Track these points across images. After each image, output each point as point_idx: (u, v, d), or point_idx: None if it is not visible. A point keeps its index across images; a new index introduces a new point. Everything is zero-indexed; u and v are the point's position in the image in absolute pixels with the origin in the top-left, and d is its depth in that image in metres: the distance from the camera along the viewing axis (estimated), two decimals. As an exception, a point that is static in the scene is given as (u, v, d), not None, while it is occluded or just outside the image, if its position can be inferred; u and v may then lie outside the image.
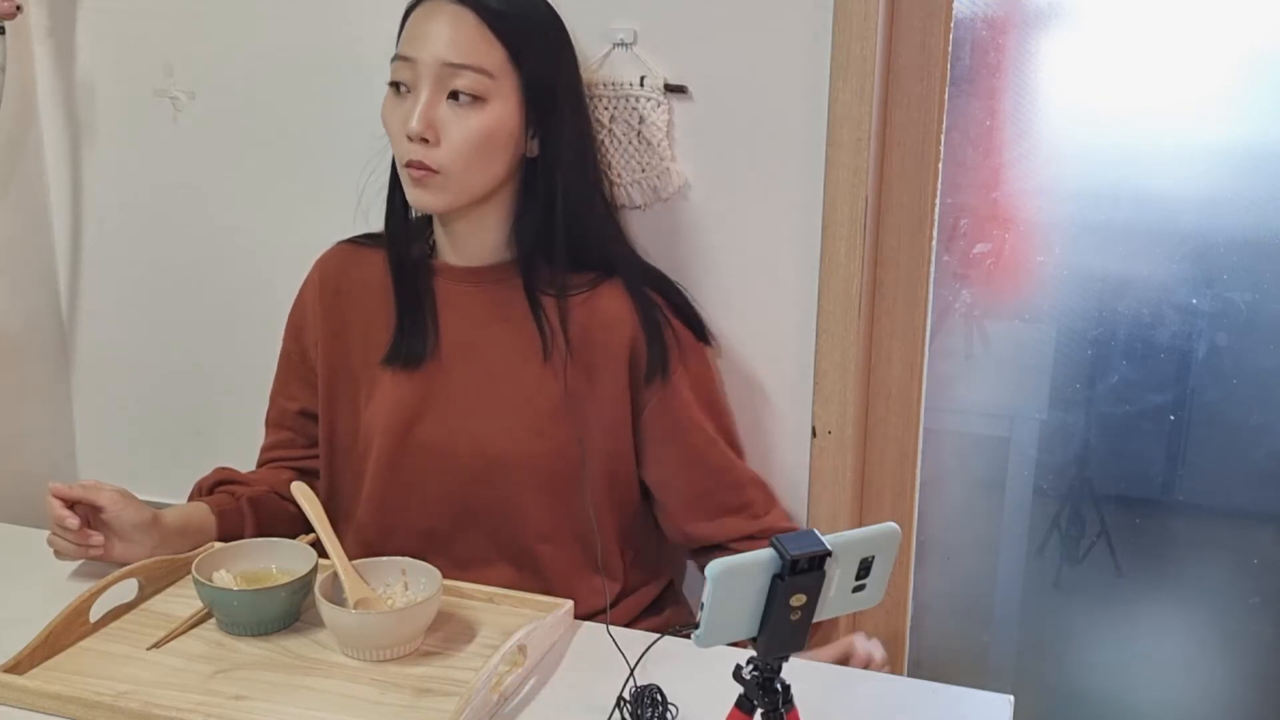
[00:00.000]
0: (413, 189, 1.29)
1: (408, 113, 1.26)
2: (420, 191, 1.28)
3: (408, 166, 1.27)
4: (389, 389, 1.36)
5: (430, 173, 1.27)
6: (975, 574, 1.72)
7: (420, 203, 1.30)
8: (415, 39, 1.27)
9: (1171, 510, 1.63)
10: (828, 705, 1.08)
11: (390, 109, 1.30)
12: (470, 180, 1.29)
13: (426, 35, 1.26)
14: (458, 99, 1.26)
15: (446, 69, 1.25)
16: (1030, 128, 1.53)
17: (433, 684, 1.09)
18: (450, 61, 1.25)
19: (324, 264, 1.44)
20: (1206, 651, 1.66)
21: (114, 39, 1.70)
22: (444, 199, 1.29)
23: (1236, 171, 1.47)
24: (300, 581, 1.18)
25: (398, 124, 1.28)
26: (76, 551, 1.26)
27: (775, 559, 0.82)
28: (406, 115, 1.26)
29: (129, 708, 1.03)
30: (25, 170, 1.75)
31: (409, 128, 1.25)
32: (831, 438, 1.48)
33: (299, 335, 1.44)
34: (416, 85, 1.27)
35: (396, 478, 1.35)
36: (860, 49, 1.36)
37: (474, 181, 1.29)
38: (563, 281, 1.33)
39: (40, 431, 1.83)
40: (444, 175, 1.27)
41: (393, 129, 1.29)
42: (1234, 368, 1.54)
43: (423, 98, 1.26)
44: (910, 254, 1.48)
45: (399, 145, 1.28)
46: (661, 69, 1.44)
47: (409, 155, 1.27)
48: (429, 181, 1.27)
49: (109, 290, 1.81)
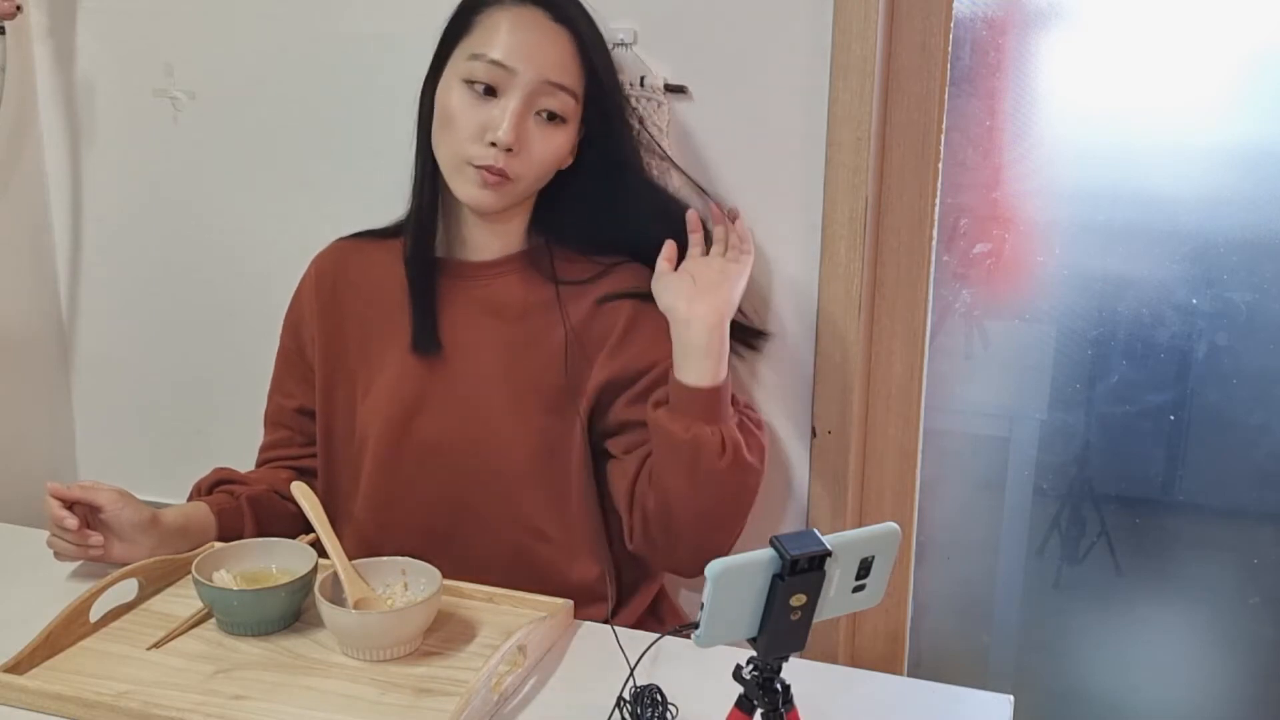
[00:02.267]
0: (478, 189, 1.28)
1: (492, 119, 1.26)
2: (487, 193, 1.29)
3: (481, 168, 1.27)
4: (389, 383, 1.36)
5: (506, 180, 1.28)
6: (975, 574, 1.72)
7: (480, 202, 1.30)
8: (514, 49, 1.26)
9: (1171, 510, 1.63)
10: (828, 705, 1.08)
11: (467, 107, 1.28)
12: (529, 189, 1.33)
13: (527, 48, 1.26)
14: (550, 119, 1.28)
15: (545, 86, 1.27)
16: (1030, 128, 1.53)
17: (433, 684, 1.09)
18: (552, 80, 1.27)
19: (321, 261, 1.44)
20: (1206, 651, 1.66)
21: (114, 39, 1.70)
22: (505, 202, 1.31)
23: (1236, 171, 1.47)
24: (300, 581, 1.18)
25: (476, 126, 1.27)
26: (76, 552, 1.26)
27: (775, 559, 0.82)
28: (491, 121, 1.26)
29: (129, 708, 1.03)
30: (25, 170, 1.75)
31: (498, 136, 1.25)
32: (831, 438, 1.48)
33: (296, 333, 1.44)
34: (506, 93, 1.26)
35: (394, 473, 1.36)
36: (860, 49, 1.36)
37: (531, 190, 1.33)
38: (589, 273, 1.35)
39: (40, 432, 1.83)
40: (515, 183, 1.29)
41: (467, 129, 1.27)
42: (1234, 368, 1.54)
43: (513, 108, 1.26)
44: (910, 254, 1.48)
45: (471, 146, 1.27)
46: (661, 69, 1.44)
47: (487, 160, 1.26)
48: (503, 188, 1.28)
49: (109, 290, 1.81)
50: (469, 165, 1.28)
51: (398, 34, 1.33)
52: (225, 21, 1.64)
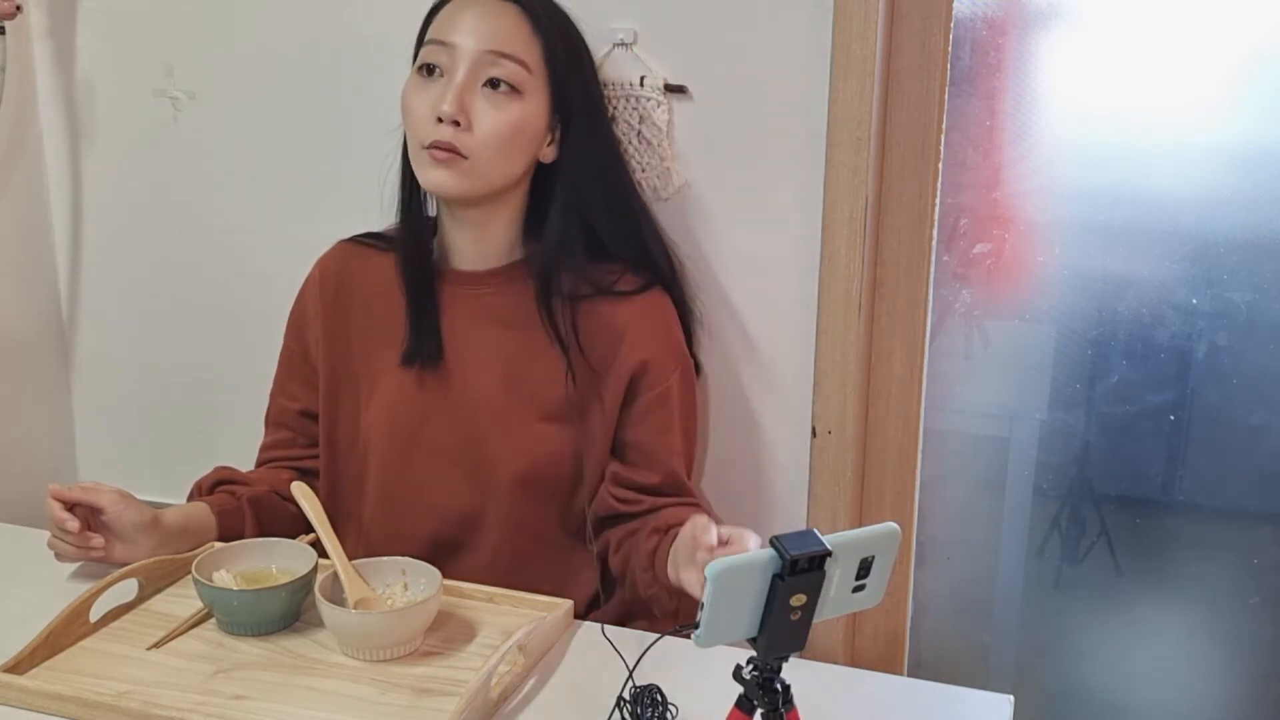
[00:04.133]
0: (432, 169, 1.27)
1: (438, 95, 1.26)
2: (442, 173, 1.27)
3: (431, 148, 1.26)
4: (392, 391, 1.36)
5: (456, 156, 1.26)
6: (975, 574, 1.72)
7: (438, 184, 1.28)
8: (454, 25, 1.27)
9: (1171, 510, 1.63)
10: (828, 705, 1.08)
11: (415, 91, 1.28)
12: (493, 171, 1.29)
13: (467, 22, 1.27)
14: (496, 87, 1.27)
15: (488, 56, 1.26)
16: (1030, 128, 1.53)
17: (433, 684, 1.09)
18: (493, 49, 1.26)
19: (325, 263, 1.44)
20: (1206, 651, 1.66)
21: (114, 39, 1.70)
22: (464, 184, 1.28)
23: (1236, 171, 1.47)
24: (300, 581, 1.18)
25: (425, 106, 1.27)
26: (77, 554, 1.26)
27: (775, 559, 0.82)
28: (437, 98, 1.26)
29: (129, 708, 1.03)
30: (25, 170, 1.75)
31: (441, 109, 1.25)
32: (831, 438, 1.47)
33: (300, 334, 1.44)
34: (452, 70, 1.26)
35: (401, 482, 1.35)
36: (860, 49, 1.36)
37: (495, 173, 1.30)
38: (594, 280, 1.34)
39: (40, 432, 1.83)
40: (471, 161, 1.27)
41: (418, 111, 1.28)
42: (1234, 368, 1.54)
43: (458, 80, 1.26)
44: (910, 254, 1.48)
45: (423, 127, 1.27)
46: (661, 69, 1.44)
47: (434, 136, 1.26)
48: (454, 164, 1.27)
49: (109, 290, 1.81)
50: (423, 149, 1.27)
51: (397, 34, 1.33)
52: (225, 21, 1.64)
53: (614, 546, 1.34)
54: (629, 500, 1.33)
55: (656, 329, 1.35)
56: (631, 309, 1.34)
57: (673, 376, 1.34)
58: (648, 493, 1.33)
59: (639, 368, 1.32)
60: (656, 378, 1.33)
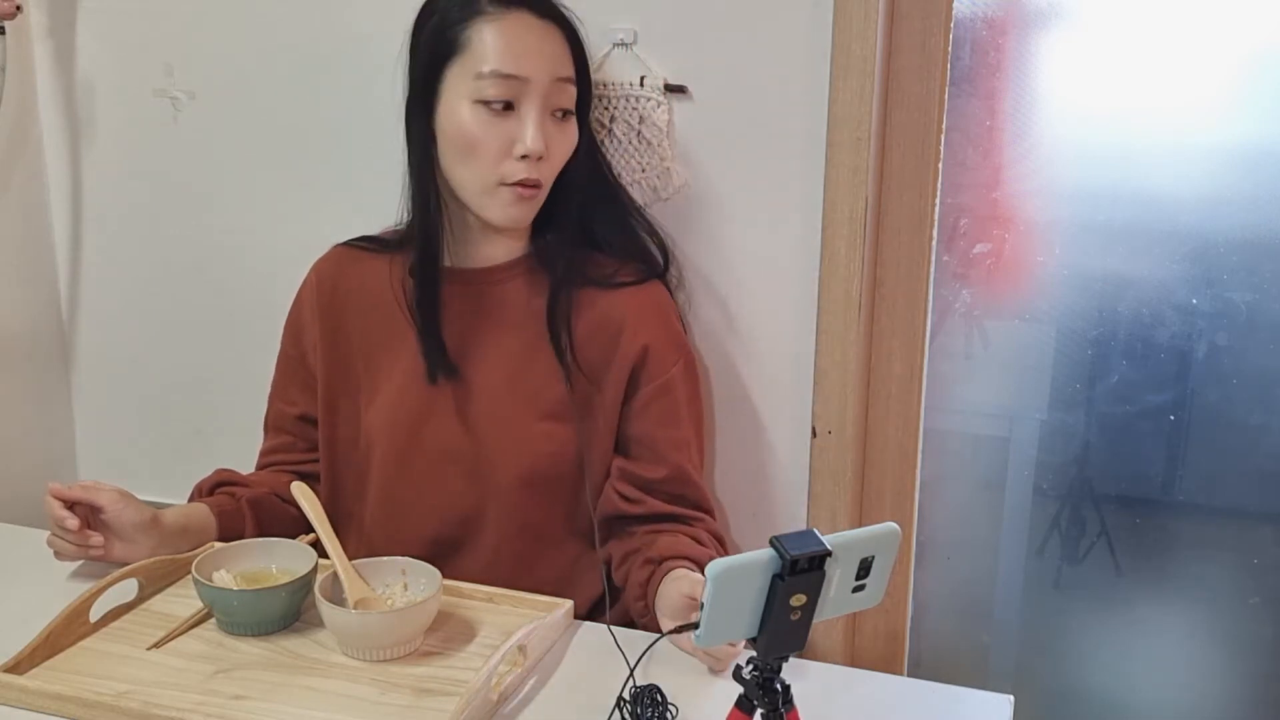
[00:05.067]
0: (515, 206, 1.28)
1: (516, 131, 1.25)
2: (522, 207, 1.28)
3: (518, 185, 1.26)
4: (392, 392, 1.36)
5: (539, 190, 1.28)
6: (975, 574, 1.72)
7: (518, 219, 1.30)
8: (519, 57, 1.24)
9: (1171, 510, 1.63)
10: (828, 705, 1.08)
11: (485, 128, 1.25)
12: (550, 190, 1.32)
13: (531, 53, 1.25)
14: (561, 115, 1.28)
15: (557, 85, 1.26)
16: (1030, 128, 1.53)
17: (433, 684, 1.09)
18: (560, 77, 1.26)
19: (321, 268, 1.44)
20: (1206, 651, 1.66)
21: (114, 39, 1.70)
22: (534, 212, 1.31)
23: (1236, 171, 1.47)
24: (300, 581, 1.18)
25: (501, 144, 1.25)
26: (76, 552, 1.26)
27: (775, 559, 0.82)
28: (515, 133, 1.25)
29: (129, 708, 1.03)
30: (25, 170, 1.75)
31: (530, 148, 1.24)
32: (831, 438, 1.47)
33: (297, 339, 1.44)
34: (523, 103, 1.25)
35: (403, 483, 1.35)
36: (860, 49, 1.36)
37: None
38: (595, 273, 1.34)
39: (40, 432, 1.83)
40: (543, 189, 1.29)
41: (492, 149, 1.26)
42: (1234, 368, 1.54)
43: (534, 116, 1.25)
44: (910, 254, 1.48)
45: (501, 164, 1.26)
46: (661, 69, 1.44)
47: (520, 174, 1.25)
48: (535, 198, 1.29)
49: (109, 290, 1.81)
50: (502, 185, 1.26)
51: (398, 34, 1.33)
52: (225, 21, 1.64)
53: (616, 562, 1.34)
54: (633, 498, 1.33)
55: (656, 319, 1.35)
56: (630, 301, 1.34)
57: (675, 368, 1.34)
58: (652, 487, 1.33)
59: (639, 358, 1.32)
60: (658, 368, 1.33)
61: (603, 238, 1.37)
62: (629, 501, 1.33)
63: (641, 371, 1.33)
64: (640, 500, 1.32)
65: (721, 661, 1.12)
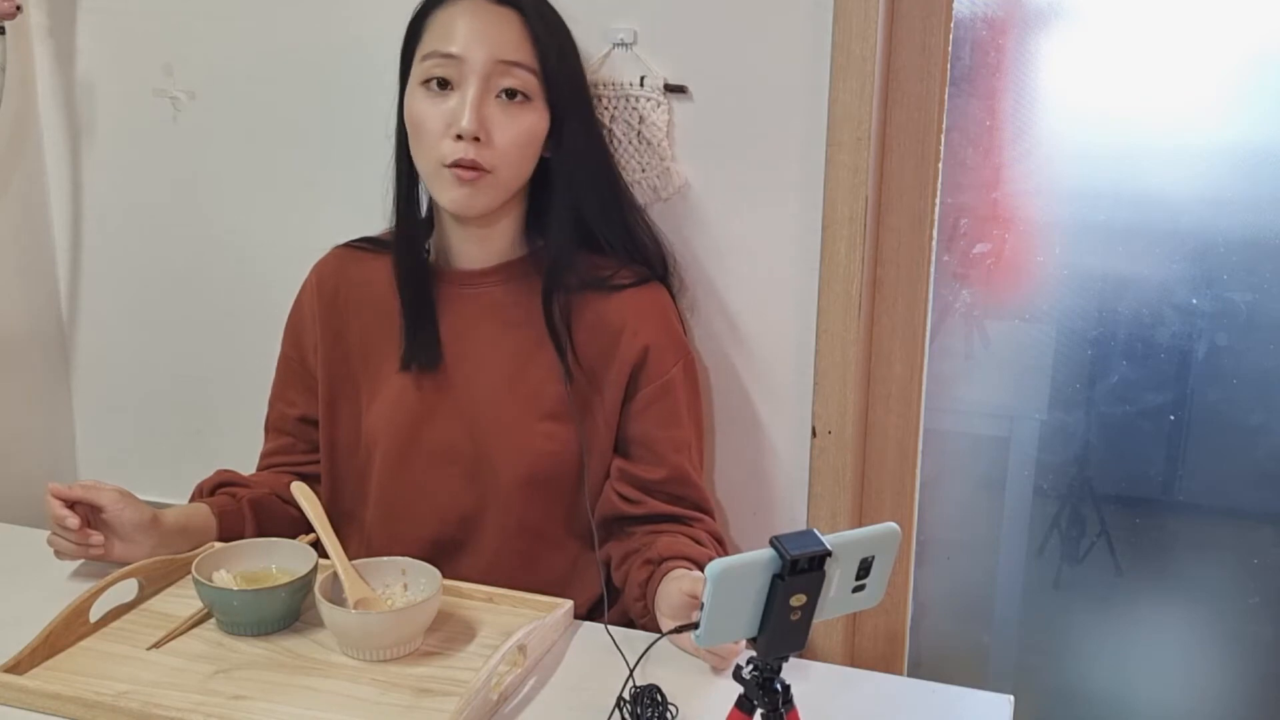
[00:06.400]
0: (456, 189, 1.26)
1: (453, 110, 1.25)
2: (467, 191, 1.26)
3: (454, 166, 1.25)
4: (393, 393, 1.36)
5: (481, 172, 1.25)
6: (975, 574, 1.72)
7: (463, 205, 1.27)
8: (459, 36, 1.25)
9: (1171, 510, 1.63)
10: (828, 705, 1.08)
11: (425, 107, 1.26)
12: (512, 181, 1.30)
13: (473, 33, 1.25)
14: (511, 97, 1.26)
15: (500, 66, 1.25)
16: (1030, 128, 1.53)
17: (433, 684, 1.09)
18: (505, 59, 1.25)
19: (321, 269, 1.44)
20: (1206, 651, 1.66)
21: (114, 39, 1.70)
22: (488, 200, 1.28)
23: (1236, 171, 1.47)
24: (300, 581, 1.18)
25: (440, 122, 1.25)
26: (76, 551, 1.26)
27: (775, 559, 0.82)
28: (452, 113, 1.25)
29: (129, 708, 1.03)
30: (25, 170, 1.75)
31: (461, 126, 1.23)
32: (831, 438, 1.48)
33: (297, 341, 1.44)
34: (462, 83, 1.25)
35: (403, 483, 1.35)
36: (860, 49, 1.36)
37: (513, 182, 1.30)
38: (595, 275, 1.34)
39: (40, 432, 1.83)
40: (494, 175, 1.26)
41: (432, 128, 1.26)
42: (1234, 368, 1.54)
43: (471, 95, 1.24)
44: (910, 254, 1.48)
45: (440, 145, 1.26)
46: (661, 69, 1.44)
47: (457, 154, 1.24)
48: (479, 182, 1.26)
49: (109, 290, 1.81)
50: (443, 167, 1.26)
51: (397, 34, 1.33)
52: (225, 21, 1.64)
53: (615, 563, 1.34)
54: (633, 499, 1.33)
55: (656, 320, 1.35)
56: (630, 302, 1.34)
57: (675, 368, 1.34)
58: (652, 488, 1.33)
59: (639, 358, 1.32)
60: (657, 368, 1.33)
61: (604, 239, 1.37)
62: (629, 502, 1.33)
63: (641, 372, 1.33)
64: (640, 501, 1.32)
65: (724, 659, 1.12)
